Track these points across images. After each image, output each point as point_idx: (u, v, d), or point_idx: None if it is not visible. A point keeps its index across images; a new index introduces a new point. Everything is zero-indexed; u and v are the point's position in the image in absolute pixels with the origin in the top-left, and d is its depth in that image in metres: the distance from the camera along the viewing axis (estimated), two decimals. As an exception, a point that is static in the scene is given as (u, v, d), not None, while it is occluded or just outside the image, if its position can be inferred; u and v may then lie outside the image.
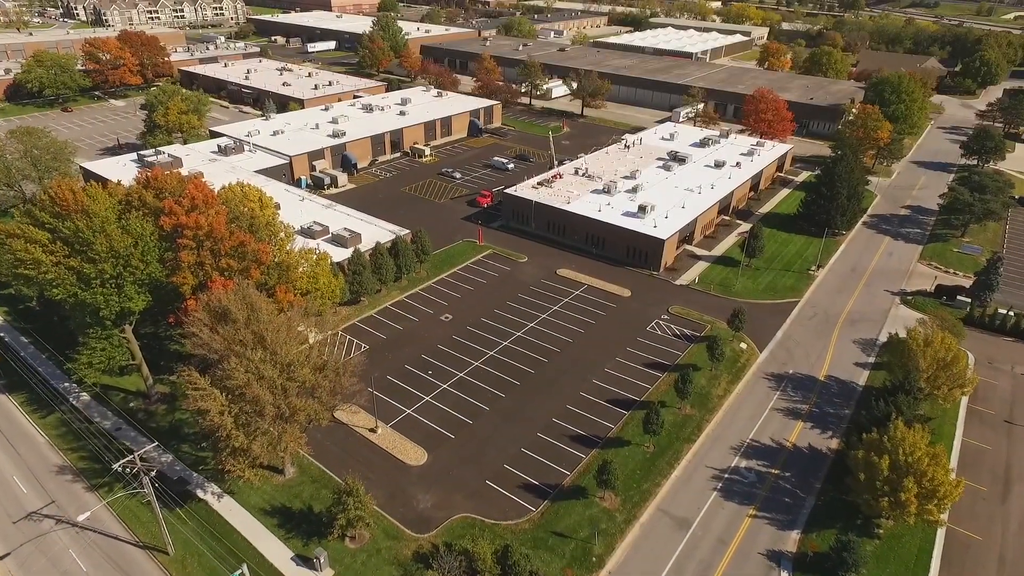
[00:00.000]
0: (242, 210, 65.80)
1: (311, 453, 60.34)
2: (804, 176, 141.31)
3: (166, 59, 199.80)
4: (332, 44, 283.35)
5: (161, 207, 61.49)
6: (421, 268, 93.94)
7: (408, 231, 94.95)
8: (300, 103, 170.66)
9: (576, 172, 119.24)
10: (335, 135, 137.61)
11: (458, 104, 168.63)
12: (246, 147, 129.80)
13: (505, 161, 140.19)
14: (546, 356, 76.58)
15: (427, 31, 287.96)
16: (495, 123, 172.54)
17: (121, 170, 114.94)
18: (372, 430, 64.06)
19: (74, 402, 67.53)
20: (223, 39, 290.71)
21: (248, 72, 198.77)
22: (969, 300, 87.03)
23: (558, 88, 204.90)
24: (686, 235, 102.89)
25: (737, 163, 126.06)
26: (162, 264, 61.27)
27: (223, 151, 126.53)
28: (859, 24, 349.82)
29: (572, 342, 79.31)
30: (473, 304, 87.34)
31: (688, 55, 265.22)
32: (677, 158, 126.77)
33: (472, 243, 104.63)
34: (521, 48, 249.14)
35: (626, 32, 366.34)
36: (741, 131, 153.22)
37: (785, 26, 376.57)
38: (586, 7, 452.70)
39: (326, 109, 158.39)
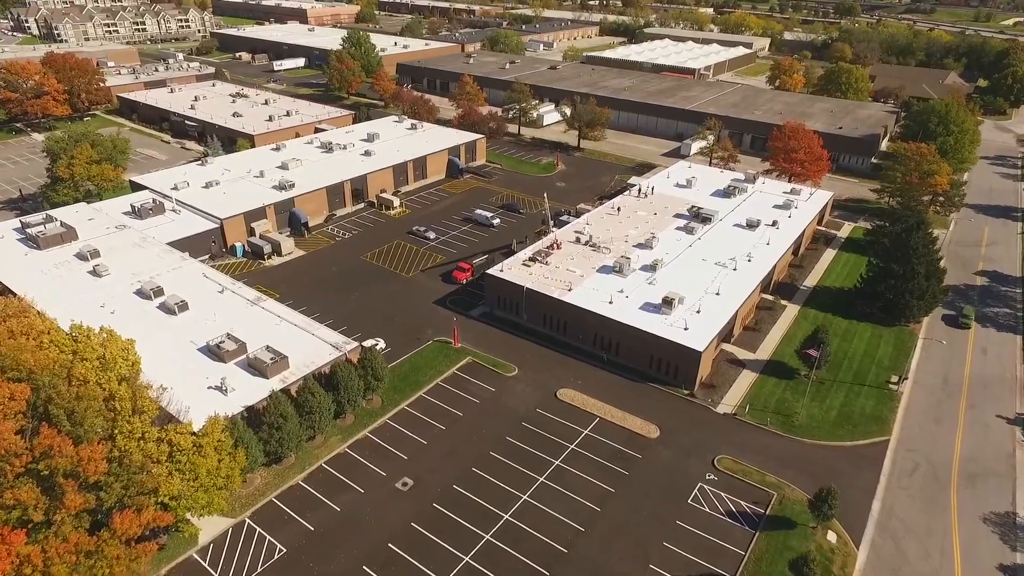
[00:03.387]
0: (60, 389, 40.98)
1: None
2: (847, 229, 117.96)
3: (100, 85, 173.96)
4: (301, 62, 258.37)
5: None
6: (375, 394, 69.34)
7: (356, 345, 70.27)
8: (249, 140, 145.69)
9: (578, 239, 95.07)
10: (282, 186, 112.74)
11: (435, 139, 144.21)
12: (168, 206, 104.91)
13: (489, 215, 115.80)
14: (549, 563, 52.13)
15: (405, 46, 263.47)
16: (478, 160, 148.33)
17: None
18: None
19: None
20: (181, 56, 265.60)
21: (196, 99, 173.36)
22: (1125, 441, 63.67)
23: (550, 114, 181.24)
24: (725, 332, 78.94)
25: (773, 221, 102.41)
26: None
27: (137, 213, 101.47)
28: (867, 34, 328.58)
29: (584, 532, 54.90)
30: (443, 457, 62.86)
31: (690, 71, 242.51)
32: (700, 216, 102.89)
33: (446, 344, 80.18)
34: (508, 66, 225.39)
35: (620, 44, 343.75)
36: (767, 172, 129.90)
37: (787, 36, 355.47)
38: (576, 16, 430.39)
39: (277, 149, 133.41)
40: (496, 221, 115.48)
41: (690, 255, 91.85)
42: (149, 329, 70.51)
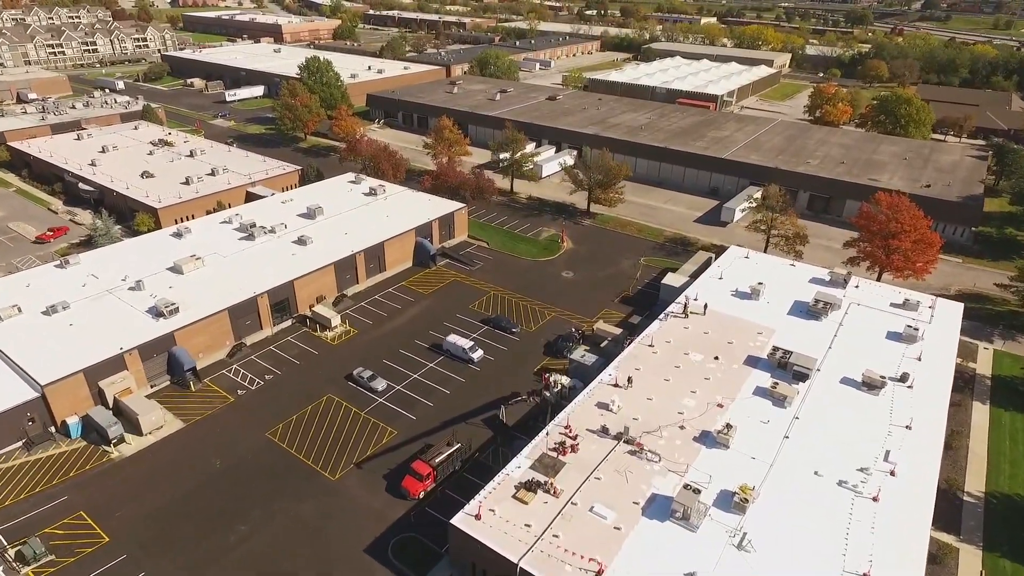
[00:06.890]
0: None
1: None
2: (986, 358, 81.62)
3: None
4: (259, 90, 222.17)
5: None
6: None
7: None
8: (152, 214, 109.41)
9: (604, 429, 58.54)
10: (159, 312, 76.17)
11: (400, 212, 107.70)
12: (-30, 357, 68.48)
13: (467, 346, 79.24)
14: None
15: (380, 71, 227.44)
16: (457, 236, 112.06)
17: None
18: None
19: None
20: (122, 84, 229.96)
21: (104, 150, 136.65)
22: None
23: (549, 163, 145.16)
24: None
25: (903, 375, 66.02)
26: None
27: (-87, 374, 65.07)
28: (902, 49, 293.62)
29: None
30: None
31: (712, 98, 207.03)
32: (791, 369, 66.43)
33: None
34: (499, 96, 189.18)
35: (625, 60, 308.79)
36: (852, 260, 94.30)
37: (810, 51, 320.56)
38: (575, 29, 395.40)
39: (179, 234, 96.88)
40: (477, 354, 79.02)
41: (790, 459, 55.33)
42: None
